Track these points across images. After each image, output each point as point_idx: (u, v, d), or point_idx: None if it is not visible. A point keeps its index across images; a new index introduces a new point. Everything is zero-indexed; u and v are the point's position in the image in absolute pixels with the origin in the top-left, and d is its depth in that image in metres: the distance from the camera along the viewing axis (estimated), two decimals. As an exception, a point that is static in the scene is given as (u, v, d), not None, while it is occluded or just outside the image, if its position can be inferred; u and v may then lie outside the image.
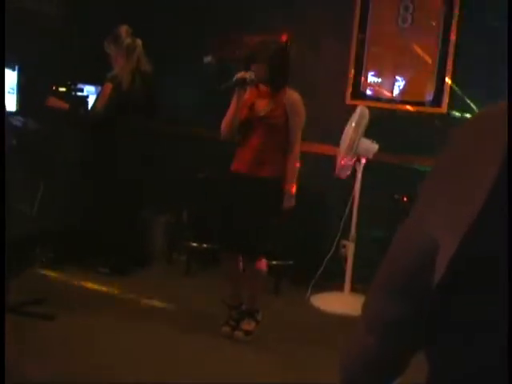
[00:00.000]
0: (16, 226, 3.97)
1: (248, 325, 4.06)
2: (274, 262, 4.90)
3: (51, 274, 4.82)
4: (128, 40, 4.82)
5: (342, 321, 4.32)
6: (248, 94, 3.90)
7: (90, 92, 5.42)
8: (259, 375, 3.55)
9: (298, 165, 3.96)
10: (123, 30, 4.85)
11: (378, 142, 4.61)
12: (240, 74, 3.82)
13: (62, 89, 5.10)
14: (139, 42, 4.90)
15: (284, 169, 3.91)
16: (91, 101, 5.33)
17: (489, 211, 0.75)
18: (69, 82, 5.13)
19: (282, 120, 3.86)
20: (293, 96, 3.96)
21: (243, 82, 3.79)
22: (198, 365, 3.64)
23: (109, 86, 4.82)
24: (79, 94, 5.22)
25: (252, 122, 3.86)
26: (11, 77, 4.61)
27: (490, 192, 0.75)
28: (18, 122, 4.62)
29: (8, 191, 3.30)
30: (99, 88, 5.51)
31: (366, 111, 4.61)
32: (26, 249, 4.68)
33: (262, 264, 4.01)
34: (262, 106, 3.87)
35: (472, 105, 4.48)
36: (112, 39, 4.83)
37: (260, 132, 3.85)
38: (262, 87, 3.90)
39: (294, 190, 3.93)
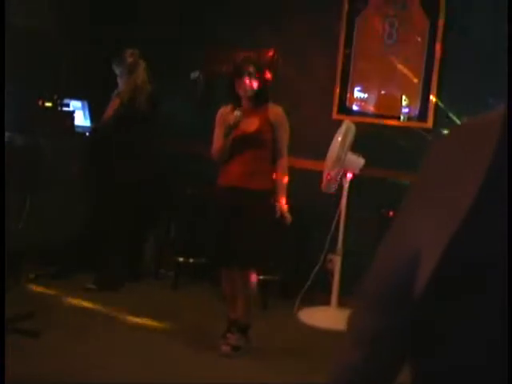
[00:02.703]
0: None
1: (238, 340, 4.04)
2: (262, 277, 4.89)
3: (38, 289, 4.79)
4: (130, 60, 5.00)
5: (329, 335, 4.31)
6: (230, 113, 3.93)
7: (76, 107, 5.41)
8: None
9: (286, 178, 4.00)
10: (127, 52, 5.04)
11: (364, 156, 4.63)
12: (233, 120, 3.86)
13: (48, 104, 5.10)
14: (142, 62, 5.06)
15: (272, 182, 3.95)
16: (77, 116, 5.33)
17: (471, 220, 0.75)
18: (55, 97, 5.13)
19: (269, 134, 3.92)
20: (276, 110, 4.03)
21: (237, 124, 3.86)
22: (185, 379, 3.62)
23: (115, 102, 4.95)
24: (65, 109, 5.22)
25: (240, 140, 3.89)
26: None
27: (472, 202, 0.75)
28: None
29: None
30: (85, 103, 5.53)
31: (352, 126, 4.63)
32: (12, 264, 4.64)
33: (253, 278, 4.02)
34: (248, 123, 3.90)
35: (457, 119, 4.51)
36: (117, 60, 5.02)
37: (247, 147, 3.89)
38: (246, 104, 3.93)
39: (284, 204, 3.97)
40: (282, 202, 3.96)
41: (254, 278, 4.04)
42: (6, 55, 4.46)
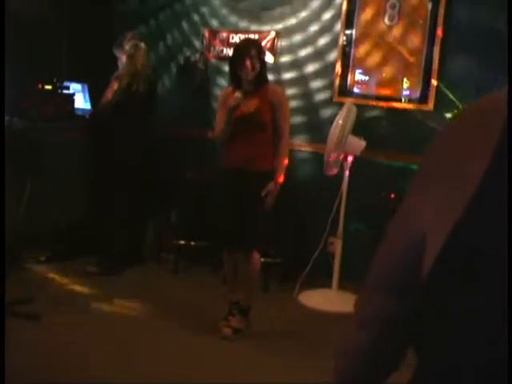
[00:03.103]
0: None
1: (239, 322, 4.05)
2: (263, 260, 4.89)
3: (39, 273, 4.80)
4: (130, 44, 4.97)
5: (330, 318, 4.33)
6: (231, 95, 3.94)
7: (76, 90, 5.39)
8: (246, 372, 3.55)
9: (286, 159, 4.00)
10: (128, 35, 5.01)
11: (365, 139, 4.61)
12: (233, 102, 3.86)
13: (48, 86, 5.08)
14: (142, 46, 5.03)
15: (274, 162, 3.96)
16: (77, 99, 5.31)
17: (476, 206, 0.75)
18: (55, 80, 5.11)
19: (269, 115, 3.92)
20: (277, 90, 4.07)
21: (237, 106, 3.87)
22: (185, 361, 3.64)
23: (115, 84, 4.93)
24: (65, 91, 5.20)
25: (240, 121, 3.89)
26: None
27: (477, 188, 0.75)
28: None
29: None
30: (85, 86, 5.50)
31: (354, 108, 4.62)
32: (13, 249, 4.64)
33: (256, 259, 4.03)
34: (248, 104, 3.90)
35: (459, 102, 4.49)
36: (118, 43, 4.99)
37: (248, 129, 3.89)
38: (247, 86, 3.93)
39: (280, 180, 3.95)
40: (276, 184, 3.93)
41: (257, 260, 4.05)
42: (6, 37, 4.44)
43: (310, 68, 5.21)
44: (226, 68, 4.25)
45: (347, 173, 4.70)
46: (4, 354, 2.57)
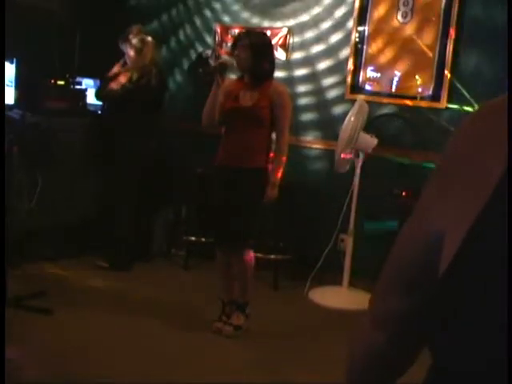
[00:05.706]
0: (14, 220, 3.96)
1: (237, 319, 3.98)
2: (273, 257, 4.90)
3: (50, 268, 4.82)
4: (137, 38, 4.93)
5: (341, 315, 4.32)
6: (232, 85, 3.91)
7: (88, 85, 5.41)
8: (257, 370, 3.55)
9: (284, 157, 3.90)
10: (134, 29, 4.97)
11: (376, 136, 4.60)
12: (221, 60, 3.86)
13: (61, 82, 5.10)
14: (149, 40, 4.99)
15: (269, 160, 3.88)
16: (90, 94, 5.32)
17: (495, 205, 0.74)
18: (67, 75, 5.13)
19: (267, 112, 3.82)
20: (278, 88, 3.95)
21: (222, 67, 3.82)
22: (197, 360, 3.64)
23: (123, 77, 4.92)
24: (78, 87, 5.21)
25: (236, 114, 3.84)
26: (9, 70, 4.59)
27: (496, 186, 0.74)
28: (15, 114, 4.61)
29: (6, 185, 3.29)
30: (97, 81, 5.52)
31: (365, 105, 4.60)
32: (24, 243, 4.67)
33: (250, 256, 3.97)
34: (247, 97, 3.85)
35: (471, 99, 4.47)
36: (123, 38, 4.95)
37: (244, 123, 3.82)
38: (246, 79, 3.89)
39: (278, 180, 3.87)
40: (273, 184, 3.84)
41: (250, 257, 3.96)
42: (19, 33, 4.46)
43: (322, 65, 5.19)
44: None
45: (358, 170, 4.68)
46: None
